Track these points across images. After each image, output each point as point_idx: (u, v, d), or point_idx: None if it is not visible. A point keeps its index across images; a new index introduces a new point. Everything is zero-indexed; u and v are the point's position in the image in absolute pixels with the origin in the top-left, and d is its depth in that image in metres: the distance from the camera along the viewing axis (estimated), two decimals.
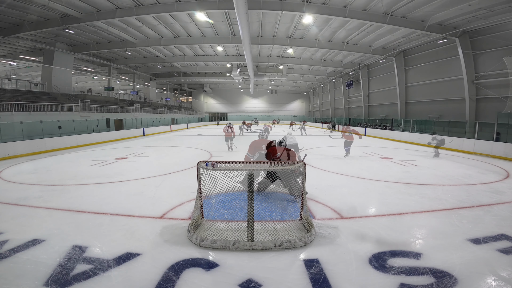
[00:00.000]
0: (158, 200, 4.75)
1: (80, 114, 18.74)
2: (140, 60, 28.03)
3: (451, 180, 6.29)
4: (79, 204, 4.53)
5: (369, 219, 3.92)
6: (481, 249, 2.99)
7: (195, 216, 3.43)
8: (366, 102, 29.45)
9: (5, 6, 13.58)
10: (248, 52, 19.15)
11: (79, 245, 3.04)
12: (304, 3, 13.84)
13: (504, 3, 12.12)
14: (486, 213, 4.13)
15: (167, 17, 16.50)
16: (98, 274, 2.50)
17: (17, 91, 19.25)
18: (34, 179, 6.43)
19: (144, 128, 21.96)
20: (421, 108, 21.21)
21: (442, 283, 2.37)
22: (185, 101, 52.64)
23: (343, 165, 8.33)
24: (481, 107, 16.02)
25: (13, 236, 3.28)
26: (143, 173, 6.95)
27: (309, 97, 53.71)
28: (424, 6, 13.44)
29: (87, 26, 17.25)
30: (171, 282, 2.39)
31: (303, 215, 3.53)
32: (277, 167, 3.55)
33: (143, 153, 10.89)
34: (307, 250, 3.00)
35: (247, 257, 2.86)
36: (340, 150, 12.06)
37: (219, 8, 14.07)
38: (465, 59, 15.82)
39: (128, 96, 35.05)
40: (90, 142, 14.50)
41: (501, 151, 9.90)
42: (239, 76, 29.92)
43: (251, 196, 3.04)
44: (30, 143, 10.83)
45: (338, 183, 6.03)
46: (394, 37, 18.84)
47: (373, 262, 2.71)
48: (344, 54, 24.42)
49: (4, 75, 28.09)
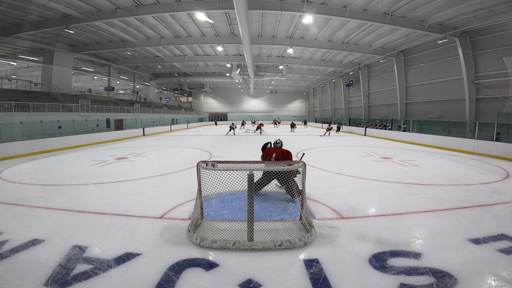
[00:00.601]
0: (158, 200, 4.75)
1: (80, 114, 18.74)
2: (140, 60, 28.04)
3: (451, 180, 6.29)
4: (79, 204, 4.53)
5: (369, 219, 3.92)
6: (481, 249, 2.99)
7: (195, 216, 3.43)
8: (366, 102, 29.45)
9: (5, 6, 13.58)
10: (248, 52, 19.15)
11: (79, 245, 3.04)
12: (304, 3, 13.85)
13: (504, 3, 12.13)
14: (486, 213, 4.13)
15: (167, 17, 16.51)
16: (98, 274, 2.50)
17: (17, 91, 19.26)
18: (34, 179, 6.43)
19: (144, 128, 21.97)
20: (421, 108, 21.21)
21: (442, 283, 2.36)
22: (185, 101, 52.65)
23: (343, 165, 8.33)
24: (481, 107, 16.02)
25: (13, 236, 3.28)
26: (143, 173, 6.95)
27: (309, 97, 53.72)
28: (424, 6, 13.45)
29: (87, 26, 17.25)
30: (171, 282, 2.39)
31: (303, 215, 3.53)
32: (277, 167, 3.55)
33: (143, 153, 10.89)
34: (307, 250, 3.00)
35: (247, 257, 2.85)
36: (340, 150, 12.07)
37: (219, 8, 14.07)
38: (465, 59, 15.82)
39: (128, 96, 35.06)
40: (90, 142, 14.50)
41: (501, 151, 9.90)
42: (239, 76, 29.93)
43: (251, 196, 3.03)
44: (30, 143, 10.83)
45: (338, 183, 6.03)
46: (394, 37, 18.84)
47: (373, 262, 2.71)
48: (344, 54, 24.43)
49: (4, 75, 28.09)
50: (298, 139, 17.55)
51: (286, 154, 4.90)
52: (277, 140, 5.61)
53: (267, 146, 5.61)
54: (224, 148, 12.42)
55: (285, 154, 4.89)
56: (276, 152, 4.94)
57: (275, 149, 5.10)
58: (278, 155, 4.86)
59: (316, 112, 49.27)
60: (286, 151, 4.99)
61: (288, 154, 4.90)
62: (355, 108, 32.92)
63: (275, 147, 5.27)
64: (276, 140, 5.63)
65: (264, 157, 5.05)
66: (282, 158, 4.80)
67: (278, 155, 4.86)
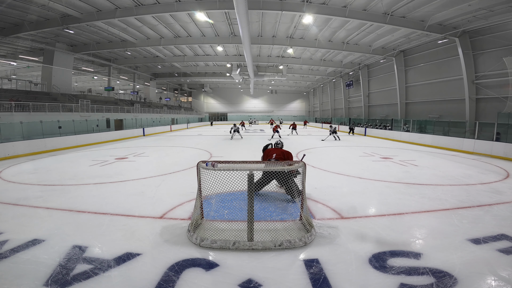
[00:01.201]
0: (158, 200, 4.75)
1: (80, 114, 18.75)
2: (140, 60, 28.04)
3: (451, 180, 6.28)
4: (79, 204, 4.53)
5: (369, 219, 3.92)
6: (481, 249, 2.99)
7: (195, 216, 3.43)
8: (366, 102, 29.45)
9: (5, 6, 13.58)
10: (248, 52, 19.15)
11: (79, 245, 3.04)
12: (304, 3, 13.84)
13: (504, 3, 12.13)
14: (486, 213, 4.13)
15: (167, 17, 16.50)
16: (98, 274, 2.50)
17: (17, 91, 19.26)
18: (34, 179, 6.43)
19: (144, 128, 21.97)
20: (421, 108, 21.21)
21: (442, 283, 2.36)
22: (185, 101, 52.65)
23: (343, 165, 8.34)
24: (481, 107, 16.02)
25: (13, 236, 3.28)
26: (143, 173, 6.95)
27: (309, 97, 53.72)
28: (424, 6, 13.45)
29: (87, 26, 17.25)
30: (171, 282, 2.39)
31: (303, 215, 3.53)
32: (277, 167, 3.55)
33: (143, 153, 10.89)
34: (307, 250, 3.00)
35: (247, 257, 2.85)
36: (340, 150, 12.08)
37: (219, 8, 14.07)
38: (465, 59, 15.82)
39: (128, 96, 35.06)
40: (90, 142, 14.50)
41: (501, 151, 9.90)
42: (239, 76, 29.92)
43: (251, 196, 3.03)
44: (30, 143, 10.83)
45: (338, 183, 6.03)
46: (394, 37, 18.84)
47: (373, 262, 2.71)
48: (344, 54, 24.42)
49: (4, 75, 28.09)
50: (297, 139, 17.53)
51: (286, 154, 4.94)
52: (277, 141, 5.77)
53: (268, 147, 5.69)
54: (224, 148, 12.42)
55: (285, 155, 4.93)
56: (277, 152, 4.99)
57: (275, 149, 5.15)
58: (278, 156, 4.90)
59: (316, 112, 49.27)
60: (287, 151, 5.03)
61: (288, 155, 4.93)
62: (355, 108, 32.92)
63: (276, 148, 5.35)
64: (277, 141, 5.79)
65: (265, 157, 5.10)
66: (282, 158, 4.84)
67: (278, 156, 4.90)
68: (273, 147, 5.60)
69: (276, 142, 5.75)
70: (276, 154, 4.93)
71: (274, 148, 5.38)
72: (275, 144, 5.73)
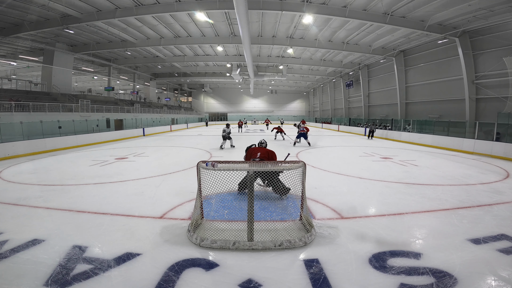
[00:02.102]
0: (158, 200, 4.75)
1: (80, 114, 18.76)
2: (140, 60, 28.05)
3: (451, 180, 6.28)
4: (79, 204, 4.52)
5: (369, 219, 3.91)
6: (481, 249, 2.99)
7: (195, 216, 3.42)
8: (366, 102, 29.46)
9: (5, 6, 13.59)
10: (248, 52, 19.16)
11: (79, 245, 3.03)
12: (304, 3, 13.85)
13: (504, 3, 12.13)
14: (486, 213, 4.13)
15: (167, 17, 16.51)
16: (98, 274, 2.50)
17: (17, 91, 19.27)
18: (34, 179, 6.42)
19: (144, 128, 21.96)
20: (421, 108, 21.22)
21: (442, 283, 2.36)
22: (185, 101, 52.65)
23: (343, 165, 8.33)
24: (481, 107, 16.02)
25: (13, 236, 3.28)
26: (143, 173, 6.94)
27: (309, 97, 53.73)
28: (424, 6, 13.45)
29: (87, 26, 17.26)
30: (171, 282, 2.39)
31: (303, 215, 3.53)
32: (277, 167, 3.54)
33: (143, 153, 10.89)
34: (307, 250, 2.99)
35: (247, 257, 2.85)
36: (340, 150, 12.07)
37: (219, 8, 14.08)
38: (465, 59, 15.82)
39: (128, 96, 35.07)
40: (90, 142, 14.50)
41: (501, 151, 9.90)
42: (239, 76, 29.93)
43: (251, 196, 3.03)
44: (30, 143, 10.82)
45: (338, 183, 6.03)
46: (394, 37, 18.85)
47: (373, 262, 2.71)
48: (344, 54, 24.43)
49: (4, 75, 28.10)
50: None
51: (270, 154, 4.89)
52: (261, 140, 5.72)
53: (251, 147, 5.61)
54: (224, 148, 12.40)
55: (270, 154, 4.87)
56: (261, 151, 4.91)
57: (259, 148, 5.09)
58: (262, 155, 4.82)
59: (316, 112, 49.27)
60: (271, 151, 4.98)
61: (272, 154, 4.89)
62: (355, 108, 32.93)
63: (260, 147, 5.27)
64: (261, 140, 5.74)
65: (248, 156, 5.00)
66: (267, 158, 4.77)
67: (262, 155, 4.82)
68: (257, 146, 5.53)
69: (260, 141, 5.68)
70: (260, 153, 4.85)
71: (258, 147, 5.31)
72: (259, 143, 5.67)
